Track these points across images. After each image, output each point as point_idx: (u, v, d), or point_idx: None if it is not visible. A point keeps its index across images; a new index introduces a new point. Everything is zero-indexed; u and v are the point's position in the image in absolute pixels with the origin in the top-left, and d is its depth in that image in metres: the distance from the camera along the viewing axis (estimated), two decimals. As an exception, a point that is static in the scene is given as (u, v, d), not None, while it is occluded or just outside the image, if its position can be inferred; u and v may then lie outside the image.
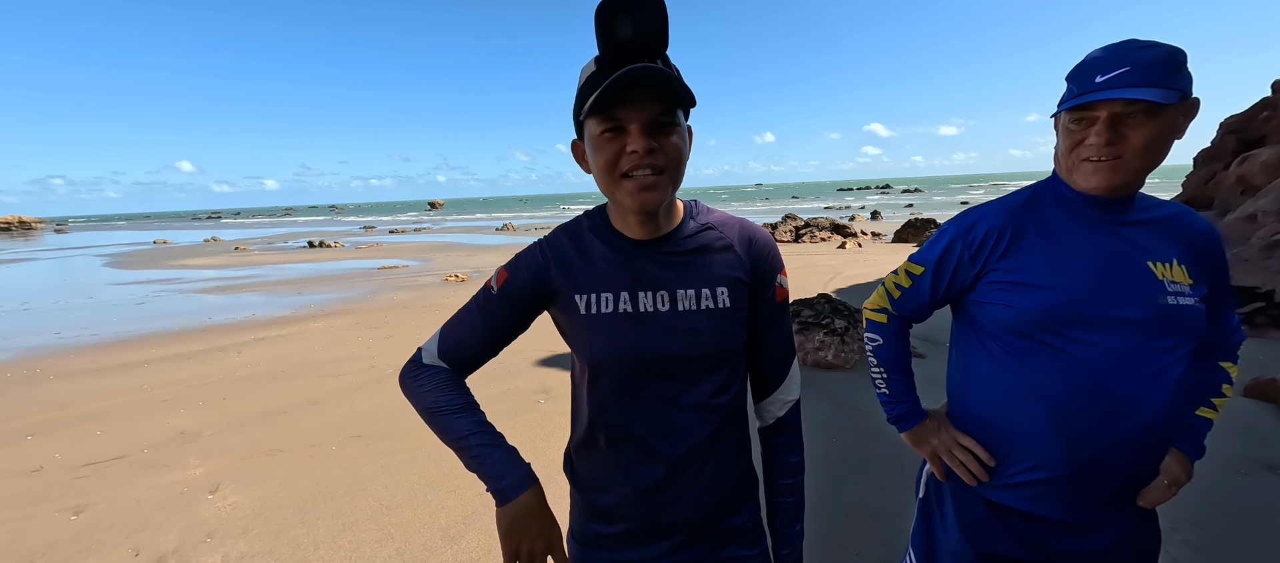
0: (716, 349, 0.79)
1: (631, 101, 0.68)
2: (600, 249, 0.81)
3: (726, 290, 0.80)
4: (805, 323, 4.84)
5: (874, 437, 3.13)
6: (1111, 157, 0.84)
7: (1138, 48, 0.82)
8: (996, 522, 1.02)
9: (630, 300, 0.78)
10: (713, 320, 0.79)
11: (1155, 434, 0.89)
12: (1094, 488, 0.92)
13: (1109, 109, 0.83)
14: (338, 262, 14.95)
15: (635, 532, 0.84)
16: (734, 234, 0.84)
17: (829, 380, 4.12)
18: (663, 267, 0.80)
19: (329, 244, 20.33)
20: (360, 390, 4.35)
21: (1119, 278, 0.89)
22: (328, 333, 6.45)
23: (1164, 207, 0.96)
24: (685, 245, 0.81)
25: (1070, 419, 0.89)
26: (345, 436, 3.49)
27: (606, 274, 0.80)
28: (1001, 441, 0.98)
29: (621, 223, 0.81)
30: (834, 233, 16.75)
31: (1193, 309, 0.89)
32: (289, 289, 10.10)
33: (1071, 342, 0.89)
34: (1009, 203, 0.99)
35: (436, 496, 2.71)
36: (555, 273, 0.82)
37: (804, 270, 9.98)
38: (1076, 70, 0.88)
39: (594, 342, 0.79)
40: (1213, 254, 0.95)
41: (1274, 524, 2.20)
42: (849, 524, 2.32)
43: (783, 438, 0.90)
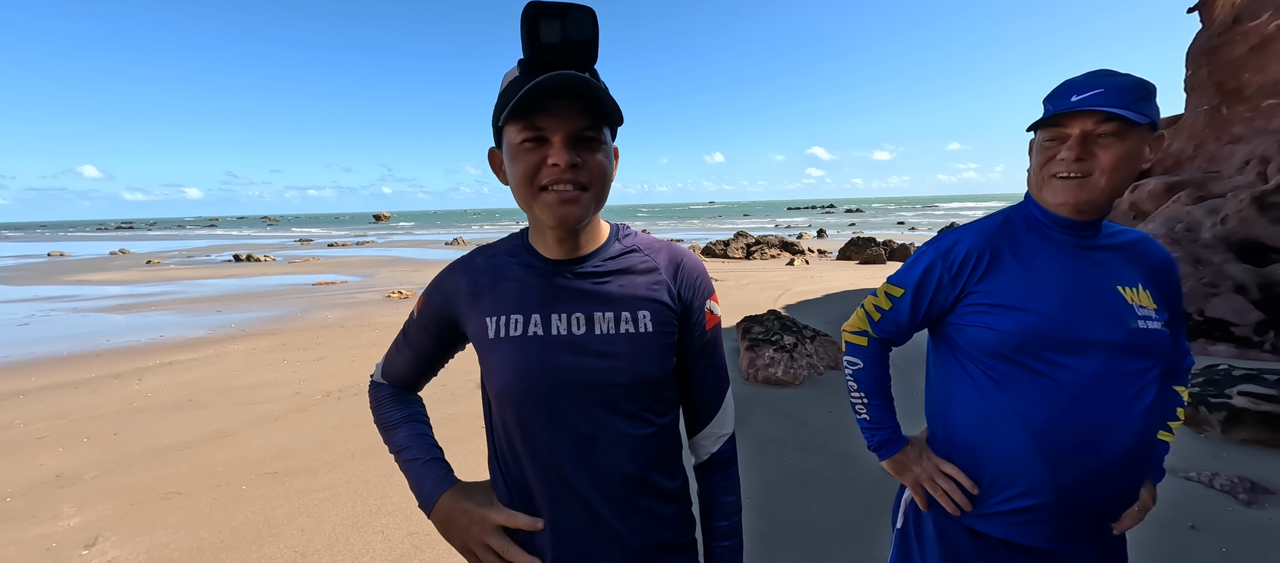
0: (635, 376, 0.73)
1: (556, 111, 0.64)
2: (514, 269, 0.77)
3: (648, 314, 0.75)
4: (755, 339, 4.89)
5: (822, 454, 3.15)
6: (1081, 173, 0.87)
7: (1112, 74, 0.87)
8: (979, 555, 1.00)
9: (541, 323, 0.73)
10: (631, 345, 0.73)
11: (1134, 458, 0.90)
12: (1078, 515, 0.92)
13: (1081, 126, 0.86)
14: (267, 277, 13.86)
15: None
16: (661, 258, 0.80)
17: (778, 397, 4.14)
18: (580, 288, 0.75)
19: (258, 258, 18.86)
20: (280, 420, 3.95)
21: (1092, 301, 0.91)
22: (248, 356, 5.89)
23: (1127, 233, 0.99)
24: (606, 266, 0.77)
25: (1054, 445, 0.90)
26: (258, 473, 3.13)
27: (517, 295, 0.75)
28: (986, 467, 0.96)
29: (540, 241, 0.77)
30: (783, 250, 17.33)
31: (1160, 333, 0.92)
32: (207, 307, 9.21)
33: (1050, 365, 0.89)
34: (985, 226, 1.00)
35: (362, 538, 2.45)
36: (465, 295, 0.79)
37: (755, 287, 10.20)
38: (1054, 92, 0.91)
39: (499, 366, 0.73)
40: (1171, 280, 0.99)
41: (1183, 524, 2.35)
42: (797, 544, 2.28)
43: (717, 476, 0.84)
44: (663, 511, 0.78)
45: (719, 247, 17.69)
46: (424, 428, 0.90)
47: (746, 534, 2.37)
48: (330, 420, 3.88)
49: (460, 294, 0.79)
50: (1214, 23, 8.10)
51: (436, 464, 0.83)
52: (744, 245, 17.49)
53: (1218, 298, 4.91)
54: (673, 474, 0.80)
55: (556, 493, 0.73)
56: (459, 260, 0.82)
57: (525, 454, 0.74)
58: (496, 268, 0.78)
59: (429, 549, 2.34)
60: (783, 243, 18.10)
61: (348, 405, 4.18)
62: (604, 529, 0.73)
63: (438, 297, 0.82)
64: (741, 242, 18.04)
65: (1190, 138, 8.43)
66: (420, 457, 0.83)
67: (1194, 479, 2.73)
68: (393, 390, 0.91)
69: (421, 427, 0.89)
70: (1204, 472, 2.75)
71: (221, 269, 16.14)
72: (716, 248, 17.63)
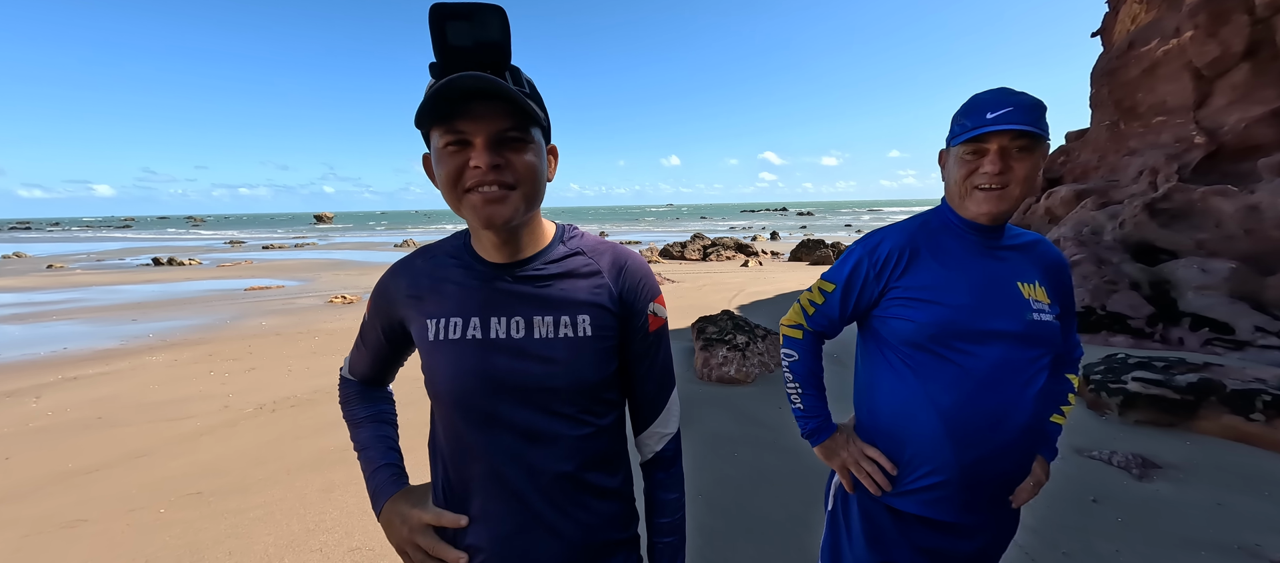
0: (574, 380, 0.73)
1: (474, 114, 0.64)
2: (455, 272, 0.77)
3: (588, 318, 0.75)
4: (710, 339, 4.99)
5: (773, 449, 3.26)
6: (1000, 185, 0.96)
7: (1015, 93, 0.95)
8: (898, 531, 1.08)
9: (480, 326, 0.73)
10: (571, 350, 0.73)
11: (1028, 437, 1.01)
12: (980, 490, 1.02)
13: (999, 142, 0.94)
14: (192, 282, 12.80)
15: None
16: (605, 260, 0.80)
17: (731, 395, 4.25)
18: (520, 291, 0.75)
19: (181, 262, 17.37)
20: (207, 437, 3.66)
21: (996, 296, 1.00)
22: (169, 368, 5.42)
23: (1026, 235, 1.10)
24: (547, 270, 0.76)
25: (960, 426, 0.98)
26: (179, 494, 2.89)
27: (457, 298, 0.75)
28: (903, 448, 1.05)
29: (479, 244, 0.77)
30: (738, 252, 17.76)
31: (1052, 325, 1.03)
32: (120, 316, 8.40)
33: (959, 353, 0.98)
34: (907, 226, 1.09)
35: (298, 557, 2.32)
36: (406, 298, 0.79)
37: (711, 288, 10.41)
38: (968, 109, 0.98)
39: (438, 368, 0.74)
40: (1064, 278, 1.11)
41: (1086, 498, 2.61)
42: (746, 538, 2.36)
43: (660, 474, 0.86)
44: (603, 508, 0.79)
45: (677, 248, 17.91)
46: (386, 429, 0.91)
47: (697, 530, 2.42)
48: (264, 435, 3.64)
49: (401, 297, 0.79)
50: (1113, 47, 9.02)
51: (388, 469, 0.85)
52: (701, 247, 17.79)
53: (1116, 294, 5.45)
54: (614, 472, 0.81)
55: (492, 491, 0.74)
56: (401, 262, 0.82)
57: (463, 454, 0.75)
58: (438, 270, 0.78)
59: (373, 565, 2.25)
60: (738, 245, 18.55)
61: (284, 419, 3.93)
62: (542, 526, 0.74)
63: (381, 300, 0.82)
64: (698, 244, 18.35)
65: (1095, 150, 9.34)
66: (375, 461, 0.86)
67: (1096, 457, 3.03)
68: (360, 387, 0.93)
69: (384, 427, 0.90)
70: (1104, 451, 3.06)
71: (138, 274, 14.75)
72: (674, 250, 17.85)
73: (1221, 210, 5.68)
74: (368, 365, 0.89)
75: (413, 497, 0.81)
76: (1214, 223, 5.71)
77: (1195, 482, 2.76)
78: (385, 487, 0.83)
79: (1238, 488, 2.69)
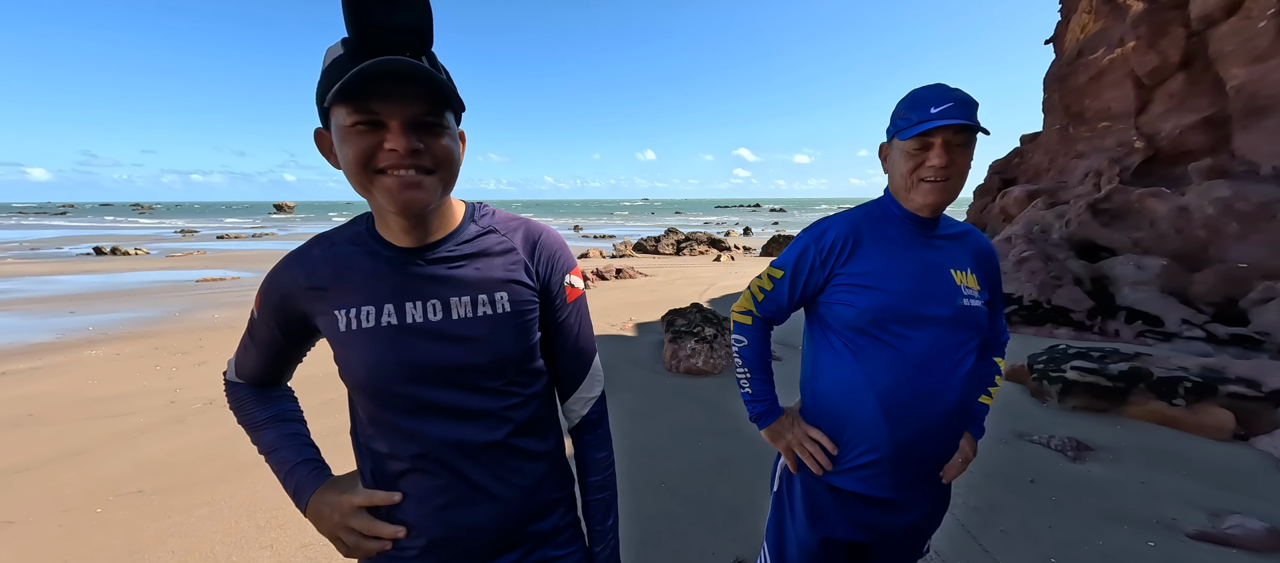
0: (496, 357, 0.75)
1: (391, 96, 0.62)
2: (361, 259, 0.75)
3: (506, 295, 0.77)
4: (679, 331, 5.04)
5: (737, 437, 3.33)
6: (944, 177, 1.00)
7: (952, 89, 1.00)
8: (837, 508, 1.13)
9: (396, 312, 0.72)
10: (490, 327, 0.75)
11: (956, 417, 1.07)
12: (913, 466, 1.07)
13: (943, 136, 0.99)
14: (138, 273, 12.10)
15: (438, 545, 0.77)
16: (518, 237, 0.81)
17: (699, 386, 4.31)
18: (434, 274, 0.75)
19: (126, 251, 16.37)
20: (150, 433, 3.48)
21: (931, 282, 1.06)
22: (110, 362, 5.12)
23: (959, 226, 1.17)
24: (461, 250, 0.76)
25: (894, 406, 1.04)
26: (118, 493, 2.74)
27: (367, 286, 0.73)
28: (843, 428, 1.10)
29: (386, 229, 0.75)
30: (711, 247, 17.94)
31: (980, 310, 1.09)
32: (56, 308, 7.87)
33: (896, 336, 1.03)
34: (851, 216, 1.13)
35: (247, 555, 2.24)
36: (305, 290, 0.75)
37: (683, 282, 10.49)
38: (911, 103, 1.02)
39: (355, 358, 0.73)
40: (992, 266, 1.18)
41: (1025, 479, 2.77)
42: (706, 524, 2.41)
43: (588, 436, 0.89)
44: (536, 469, 0.81)
45: (650, 242, 17.96)
46: (294, 426, 0.87)
47: (662, 517, 2.46)
48: (214, 432, 3.48)
49: (298, 289, 0.75)
50: (1064, 54, 9.48)
51: (306, 465, 0.82)
52: (674, 242, 17.90)
53: (1061, 289, 5.77)
54: (546, 436, 0.84)
55: (423, 469, 0.75)
56: (294, 254, 0.77)
57: (389, 439, 0.75)
58: (339, 258, 0.75)
59: (325, 562, 2.20)
60: (711, 240, 18.74)
61: (236, 413, 3.78)
62: (477, 493, 0.76)
63: (274, 295, 0.77)
64: (672, 238, 18.45)
65: (1046, 152, 9.81)
66: (290, 460, 0.82)
67: (1036, 441, 3.21)
68: (253, 389, 0.87)
69: (291, 425, 0.87)
70: (1044, 435, 3.25)
71: (77, 264, 13.84)
72: (648, 244, 17.89)
73: (1155, 211, 6.07)
74: (260, 366, 0.84)
75: (340, 485, 0.80)
76: (1149, 223, 6.10)
77: (1123, 462, 2.97)
78: (307, 481, 0.81)
79: (1160, 467, 2.90)
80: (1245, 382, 3.30)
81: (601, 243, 22.24)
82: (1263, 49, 5.82)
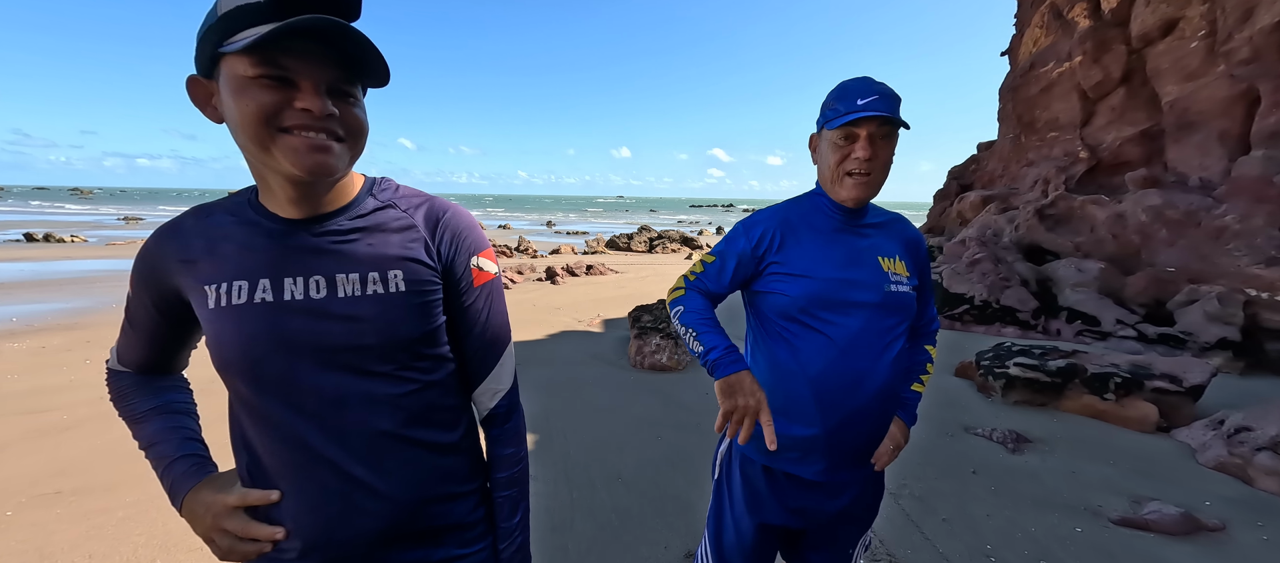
0: (385, 337, 0.70)
1: (308, 55, 0.59)
2: (236, 230, 0.70)
3: (400, 273, 0.71)
4: (644, 328, 5.04)
5: (694, 431, 3.35)
6: (867, 171, 1.03)
7: (878, 83, 1.03)
8: (772, 492, 1.15)
9: (271, 288, 0.67)
10: (380, 306, 0.70)
11: (884, 401, 1.09)
12: (844, 449, 1.09)
13: (867, 129, 1.02)
14: (71, 262, 11.30)
15: (317, 547, 0.72)
16: (419, 214, 0.76)
17: (661, 381, 4.32)
18: (320, 247, 0.69)
19: (60, 238, 15.29)
20: (72, 431, 3.25)
21: (859, 269, 1.08)
22: (33, 356, 4.76)
23: (887, 215, 1.20)
24: (354, 225, 0.71)
25: (825, 390, 1.06)
26: (31, 495, 2.55)
27: (241, 259, 0.68)
28: (778, 416, 1.10)
29: (271, 199, 0.69)
30: (683, 244, 18.06)
31: (908, 295, 1.12)
32: (-25, 297, 7.28)
33: (825, 323, 1.06)
34: (782, 208, 1.16)
35: (171, 556, 2.11)
36: (177, 264, 0.70)
37: (654, 279, 10.51)
38: (839, 94, 1.04)
39: (224, 338, 0.67)
40: (920, 253, 1.22)
41: (967, 470, 2.88)
42: (658, 516, 2.41)
43: (495, 430, 0.84)
44: (438, 463, 0.76)
45: (623, 240, 17.93)
46: (179, 419, 0.80)
47: (614, 511, 2.45)
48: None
49: (170, 263, 0.70)
50: (1017, 66, 9.92)
51: (185, 460, 0.76)
52: (647, 239, 17.93)
53: (1009, 290, 6.04)
54: (450, 427, 0.78)
55: (298, 461, 0.69)
56: (166, 227, 0.72)
57: (262, 427, 0.70)
58: (213, 229, 0.70)
59: None
60: (683, 238, 18.86)
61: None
62: (360, 488, 0.70)
63: (146, 269, 0.71)
64: (644, 236, 18.48)
65: (1000, 160, 10.26)
66: (169, 454, 0.76)
67: (979, 434, 3.35)
68: (137, 377, 0.80)
69: (175, 417, 0.80)
70: (987, 428, 3.39)
71: (5, 250, 12.83)
72: (620, 241, 17.86)
73: (1095, 217, 6.42)
74: (141, 350, 0.77)
75: (217, 483, 0.75)
76: (1089, 228, 6.46)
77: (1056, 453, 3.12)
78: (184, 479, 0.75)
79: (1089, 458, 3.07)
80: (1168, 377, 3.53)
81: (574, 239, 22.07)
82: (1193, 68, 6.24)
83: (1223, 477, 2.85)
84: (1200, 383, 3.49)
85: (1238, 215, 5.15)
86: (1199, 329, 4.82)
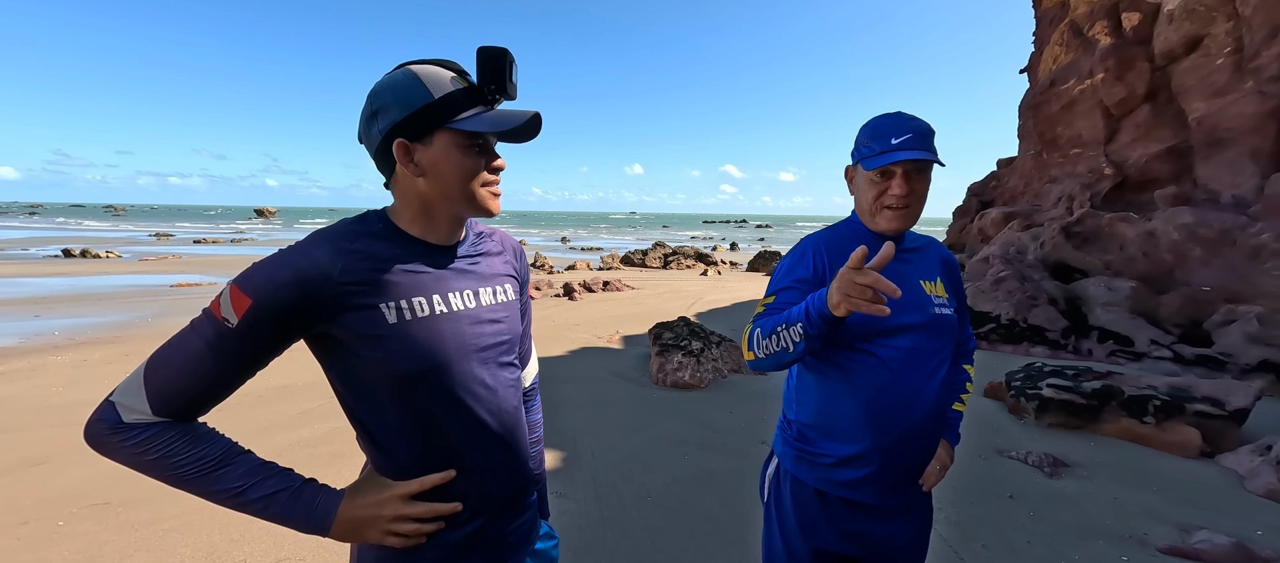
0: (513, 335, 0.93)
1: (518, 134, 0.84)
2: (397, 255, 0.81)
3: (510, 286, 0.96)
4: (665, 345, 5.05)
5: (721, 450, 3.33)
6: (905, 205, 1.07)
7: (910, 119, 1.06)
8: (825, 517, 1.15)
9: (443, 301, 0.83)
10: (508, 312, 0.93)
11: (933, 421, 1.11)
12: (896, 472, 1.10)
13: (903, 168, 1.05)
14: (109, 276, 11.73)
15: (487, 506, 0.87)
16: (503, 242, 1.00)
17: (685, 400, 4.31)
18: (465, 269, 0.88)
19: (97, 254, 15.88)
20: (117, 442, 3.35)
21: (905, 294, 1.10)
22: (75, 368, 4.94)
23: (921, 239, 1.23)
24: (476, 250, 0.92)
25: (877, 412, 1.07)
26: (81, 505, 2.63)
27: (415, 279, 0.81)
28: (829, 440, 1.12)
29: (428, 230, 0.85)
30: (698, 261, 18.06)
31: (951, 318, 1.15)
32: (20, 311, 7.58)
33: (876, 345, 1.08)
34: (825, 239, 1.17)
35: (217, 569, 2.16)
36: (341, 285, 0.73)
37: (669, 295, 10.52)
38: (874, 131, 1.07)
39: (416, 347, 0.78)
40: (956, 275, 1.24)
41: (1004, 494, 2.82)
42: (690, 536, 2.40)
43: (533, 400, 1.13)
44: (526, 432, 0.97)
45: (638, 256, 18.01)
46: (256, 457, 0.76)
47: (644, 530, 2.44)
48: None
49: (329, 284, 0.71)
50: (1037, 83, 9.87)
51: (311, 483, 0.77)
52: (661, 255, 17.98)
53: (1037, 308, 5.93)
54: (524, 416, 0.99)
55: (477, 440, 0.84)
56: (313, 247, 0.73)
57: (442, 416, 0.81)
58: (374, 254, 0.77)
59: (302, 575, 2.13)
60: (697, 254, 18.87)
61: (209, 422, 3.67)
62: (512, 454, 0.90)
63: (287, 291, 0.69)
64: (659, 252, 18.54)
65: (1021, 177, 10.14)
66: (287, 486, 0.74)
67: (1014, 457, 3.28)
68: (182, 427, 0.71)
69: (252, 456, 0.75)
70: (1021, 451, 3.32)
71: (45, 266, 13.37)
72: (635, 257, 17.93)
73: (1124, 235, 6.30)
74: (211, 391, 0.71)
75: (366, 487, 0.81)
76: (1118, 246, 6.33)
77: (1096, 478, 3.04)
78: (327, 497, 0.77)
79: (1131, 483, 2.98)
80: (1210, 400, 3.42)
81: (589, 255, 22.22)
82: (1221, 85, 6.15)
83: (1273, 505, 2.74)
84: (1244, 406, 3.38)
85: (1275, 234, 5.02)
86: (1239, 351, 4.68)
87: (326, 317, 0.73)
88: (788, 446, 1.22)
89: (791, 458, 1.20)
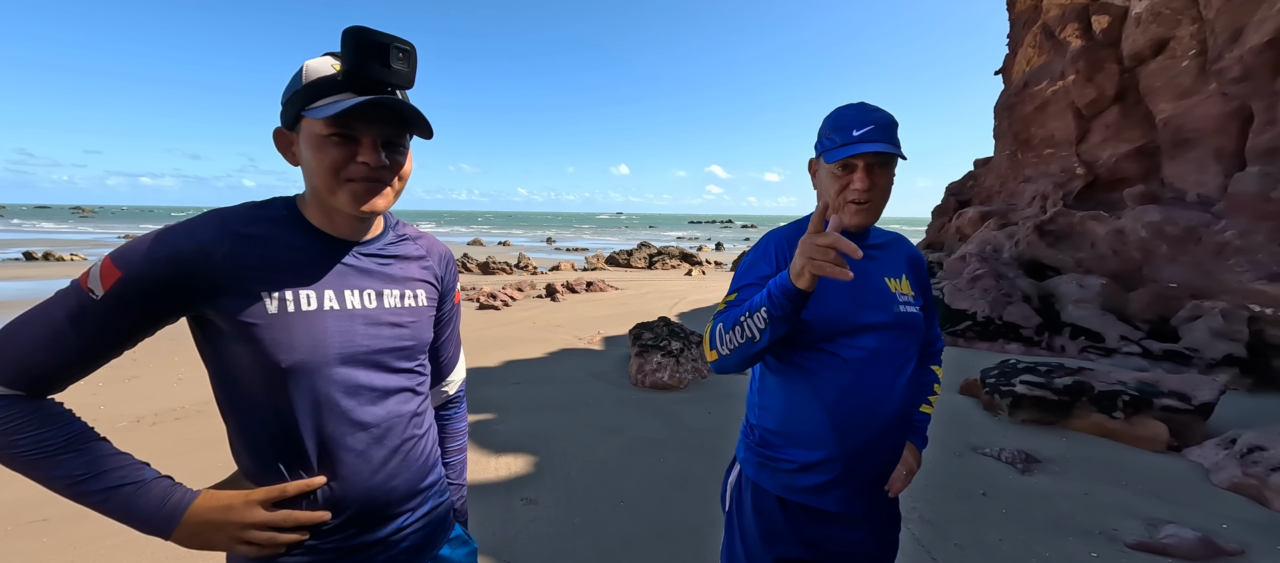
0: (419, 342, 0.88)
1: (370, 118, 0.74)
2: (292, 243, 0.78)
3: (422, 292, 0.90)
4: (645, 346, 5.00)
5: (699, 454, 3.29)
6: (868, 199, 1.03)
7: (873, 110, 1.02)
8: (787, 524, 1.10)
9: (336, 297, 0.79)
10: (414, 317, 0.88)
11: (898, 424, 1.07)
12: (860, 477, 1.06)
13: (865, 160, 1.01)
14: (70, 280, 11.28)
15: (361, 515, 0.81)
16: (426, 246, 0.95)
17: (663, 401, 4.27)
18: (368, 267, 0.84)
19: (60, 257, 15.29)
20: (65, 454, 3.18)
21: (868, 292, 1.07)
22: (27, 377, 4.70)
23: (887, 235, 1.19)
24: (389, 250, 0.87)
25: (842, 416, 1.03)
26: (21, 522, 2.48)
27: (307, 269, 0.77)
28: (793, 446, 1.08)
29: (328, 221, 0.81)
30: (683, 261, 18.08)
31: (917, 316, 1.11)
32: (-29, 317, 7.22)
33: (839, 346, 1.03)
34: (787, 232, 1.12)
35: (162, 588, 2.05)
36: (222, 267, 0.71)
37: (654, 295, 10.49)
38: (836, 123, 1.03)
39: (295, 340, 0.74)
40: (922, 272, 1.20)
41: (977, 492, 2.82)
42: (664, 543, 2.34)
43: (455, 410, 1.10)
44: (429, 434, 0.92)
45: (623, 256, 17.95)
46: (108, 444, 0.70)
47: (616, 537, 2.39)
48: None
49: (207, 263, 0.69)
50: (1012, 85, 10.06)
51: (163, 480, 0.70)
52: (646, 256, 17.96)
53: (1011, 306, 6.02)
54: (427, 409, 0.94)
55: (354, 445, 0.78)
56: (200, 225, 0.70)
57: (320, 418, 0.75)
58: (263, 239, 0.75)
59: (253, 592, 2.03)
60: (682, 254, 18.89)
61: (165, 433, 3.51)
62: (398, 461, 0.84)
63: (160, 266, 0.67)
64: (644, 252, 18.52)
65: (998, 176, 10.33)
66: (134, 480, 0.68)
67: (987, 454, 3.29)
68: (32, 404, 0.66)
69: (105, 443, 0.70)
70: (995, 448, 3.34)
71: (4, 269, 12.81)
72: (620, 257, 17.88)
73: (1095, 233, 6.44)
74: (67, 366, 0.66)
75: (230, 486, 0.76)
76: (1089, 244, 6.46)
77: (1068, 474, 3.07)
78: (179, 496, 0.70)
79: (1101, 478, 3.01)
80: (1177, 395, 3.49)
81: (574, 256, 22.09)
82: (1186, 86, 6.32)
83: (1238, 498, 2.79)
84: (1209, 401, 3.45)
85: (1238, 231, 5.16)
86: (1204, 346, 4.79)
87: (203, 297, 0.70)
88: (750, 452, 1.17)
89: (753, 465, 1.15)
